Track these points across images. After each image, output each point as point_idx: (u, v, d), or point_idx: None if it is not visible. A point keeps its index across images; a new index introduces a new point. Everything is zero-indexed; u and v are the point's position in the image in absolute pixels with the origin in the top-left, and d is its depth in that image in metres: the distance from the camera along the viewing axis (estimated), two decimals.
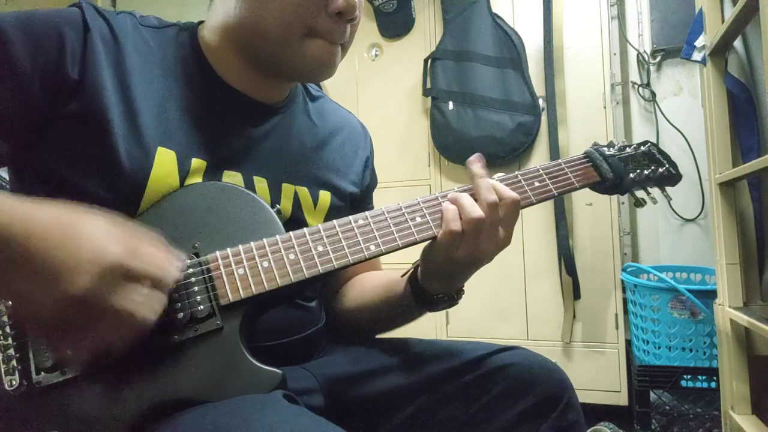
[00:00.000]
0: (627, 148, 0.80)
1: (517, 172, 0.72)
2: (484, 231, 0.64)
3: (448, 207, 0.65)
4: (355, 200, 0.84)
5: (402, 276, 0.76)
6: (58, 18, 0.61)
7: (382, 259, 0.72)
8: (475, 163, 0.68)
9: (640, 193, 0.80)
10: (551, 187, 0.72)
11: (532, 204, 0.71)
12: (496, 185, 0.66)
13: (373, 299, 0.80)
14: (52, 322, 0.47)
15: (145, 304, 0.49)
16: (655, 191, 0.82)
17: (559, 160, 0.75)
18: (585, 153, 0.78)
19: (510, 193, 0.66)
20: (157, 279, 0.50)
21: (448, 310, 2.07)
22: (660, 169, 0.80)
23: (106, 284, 0.46)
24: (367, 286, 0.83)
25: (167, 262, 0.52)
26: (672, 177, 0.81)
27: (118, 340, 0.49)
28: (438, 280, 0.70)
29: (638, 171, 0.78)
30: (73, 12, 0.63)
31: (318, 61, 0.67)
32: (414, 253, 0.70)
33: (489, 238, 0.65)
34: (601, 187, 0.77)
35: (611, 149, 0.79)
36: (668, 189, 0.83)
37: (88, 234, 0.48)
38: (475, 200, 0.65)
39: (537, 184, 0.71)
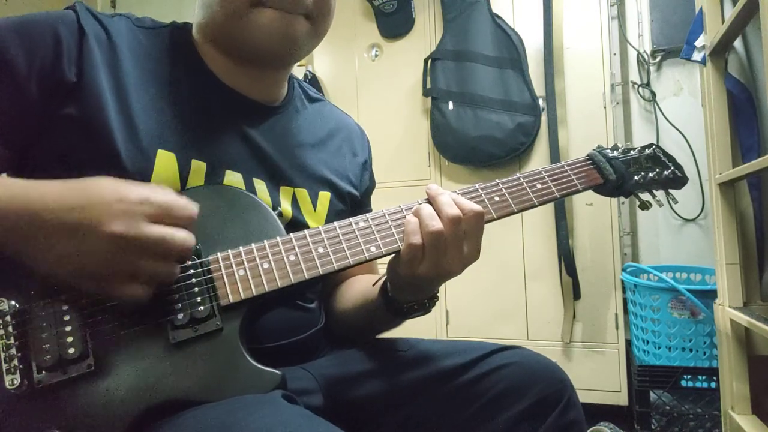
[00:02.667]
0: (631, 151, 0.79)
1: (518, 174, 0.71)
2: (446, 245, 0.62)
3: (410, 219, 0.63)
4: (354, 202, 0.84)
5: (373, 285, 0.75)
6: (52, 20, 0.61)
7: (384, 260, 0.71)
8: (431, 186, 0.66)
9: (645, 196, 0.79)
10: (553, 189, 0.72)
11: (534, 206, 0.70)
12: (456, 199, 0.64)
13: (354, 305, 0.79)
14: (104, 266, 0.50)
15: (176, 231, 0.53)
16: (659, 193, 0.81)
17: (562, 162, 0.75)
18: (588, 155, 0.77)
19: (472, 206, 0.63)
20: (179, 207, 0.54)
21: (448, 309, 2.08)
22: (665, 172, 0.78)
23: (137, 220, 0.51)
24: (351, 291, 0.83)
25: (182, 198, 0.55)
26: (678, 179, 0.80)
27: (163, 267, 0.53)
28: (406, 291, 0.69)
29: (642, 173, 0.77)
30: (68, 14, 0.63)
31: (270, 30, 0.66)
32: None
33: (452, 253, 0.63)
34: (603, 189, 0.77)
35: (615, 151, 0.78)
36: (673, 191, 0.82)
37: (104, 185, 0.52)
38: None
39: (539, 186, 0.71)
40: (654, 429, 1.64)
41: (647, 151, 0.80)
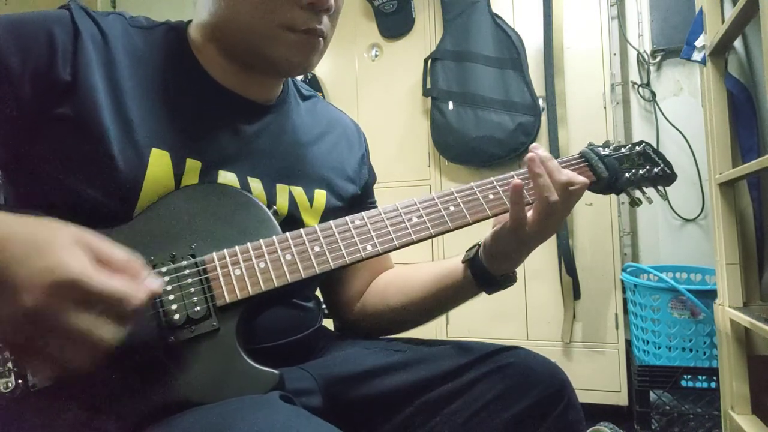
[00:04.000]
0: (622, 148, 0.80)
1: (512, 172, 0.72)
2: (556, 210, 0.67)
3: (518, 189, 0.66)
4: (355, 198, 0.84)
5: (463, 261, 0.78)
6: (47, 19, 0.61)
7: (397, 256, 0.73)
8: (537, 149, 0.69)
9: (636, 193, 0.80)
10: None
11: (528, 204, 0.70)
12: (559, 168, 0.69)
13: (425, 290, 0.80)
14: (11, 336, 0.45)
15: (103, 325, 0.45)
16: (651, 191, 0.82)
17: (556, 161, 0.75)
18: (580, 153, 0.78)
19: (581, 179, 0.69)
20: (117, 301, 0.46)
21: None
22: (655, 169, 0.79)
23: (59, 300, 0.44)
24: (411, 282, 0.83)
25: (135, 283, 0.48)
26: (667, 176, 0.81)
27: (77, 359, 0.46)
28: (504, 261, 0.73)
29: (633, 171, 0.78)
30: (63, 13, 0.63)
31: (295, 54, 0.67)
32: (415, 251, 0.70)
33: (558, 216, 0.68)
34: (596, 186, 0.77)
35: (607, 149, 0.79)
36: (666, 188, 0.83)
37: (50, 247, 0.45)
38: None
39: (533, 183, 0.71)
40: (654, 429, 1.64)
41: (638, 148, 0.81)
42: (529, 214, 0.67)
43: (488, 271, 0.74)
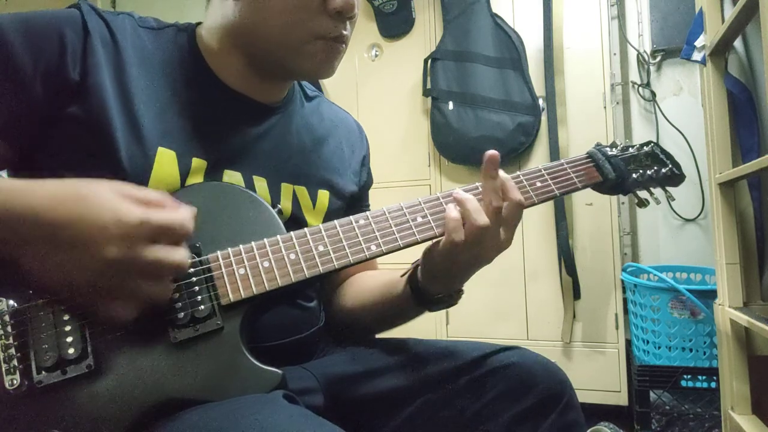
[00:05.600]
0: (630, 149, 0.79)
1: (519, 172, 0.72)
2: (487, 235, 0.64)
3: (452, 214, 0.64)
4: (353, 199, 0.84)
5: (402, 276, 0.76)
6: (57, 19, 0.61)
7: (384, 258, 0.71)
8: (491, 161, 0.66)
9: (643, 194, 0.79)
10: (553, 187, 0.72)
11: (533, 204, 0.70)
12: (504, 185, 0.66)
13: (372, 299, 0.80)
14: (95, 285, 0.49)
15: (173, 250, 0.52)
16: (657, 191, 0.81)
17: (561, 160, 0.75)
18: (587, 153, 0.78)
19: (515, 195, 0.65)
20: (177, 226, 0.52)
21: (448, 309, 2.07)
22: (663, 170, 0.79)
23: (134, 243, 0.49)
24: (365, 286, 0.83)
25: (180, 211, 0.54)
26: (675, 177, 0.80)
27: (162, 289, 0.53)
28: (439, 281, 0.70)
29: (641, 171, 0.78)
30: (73, 13, 0.63)
31: (321, 61, 0.69)
32: (415, 253, 0.70)
33: (491, 242, 0.65)
34: (602, 187, 0.77)
35: (614, 149, 0.79)
36: (670, 189, 0.83)
37: (100, 201, 0.49)
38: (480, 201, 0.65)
39: (539, 184, 0.71)
40: (654, 429, 1.64)
41: (645, 148, 0.81)
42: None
43: (423, 289, 0.71)
